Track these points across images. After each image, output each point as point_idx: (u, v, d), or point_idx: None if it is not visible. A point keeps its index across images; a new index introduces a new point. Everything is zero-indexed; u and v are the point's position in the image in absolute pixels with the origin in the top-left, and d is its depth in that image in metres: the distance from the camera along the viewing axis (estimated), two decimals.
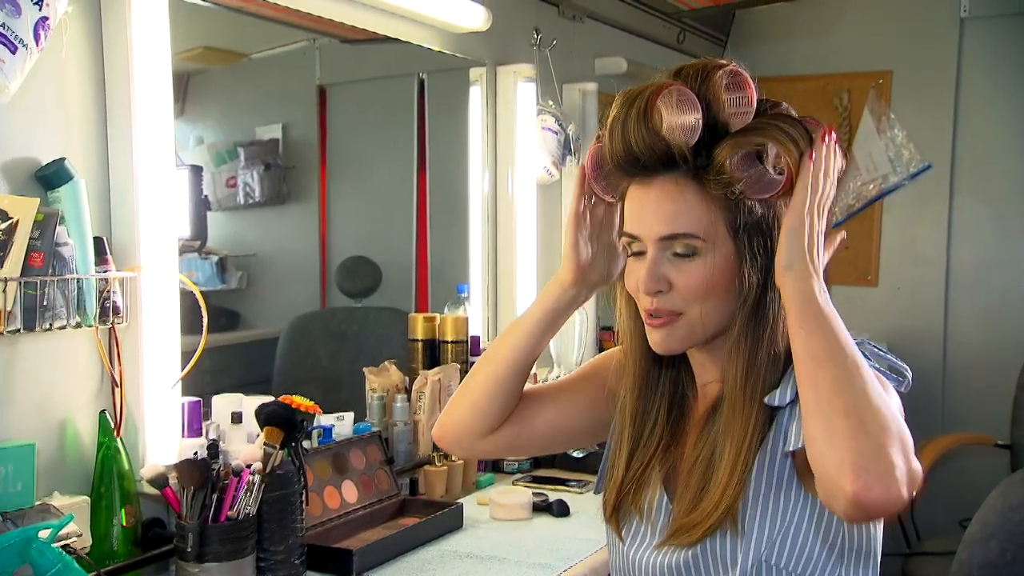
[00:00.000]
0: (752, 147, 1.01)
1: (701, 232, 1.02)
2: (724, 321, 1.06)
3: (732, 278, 1.04)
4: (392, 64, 2.63)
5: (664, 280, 1.04)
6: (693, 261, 1.03)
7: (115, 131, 1.58)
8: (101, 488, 1.53)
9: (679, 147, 1.02)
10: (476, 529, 1.93)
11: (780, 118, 1.04)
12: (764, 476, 1.03)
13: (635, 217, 1.06)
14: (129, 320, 1.56)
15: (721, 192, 1.02)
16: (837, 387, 0.93)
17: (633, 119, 1.03)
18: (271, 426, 1.53)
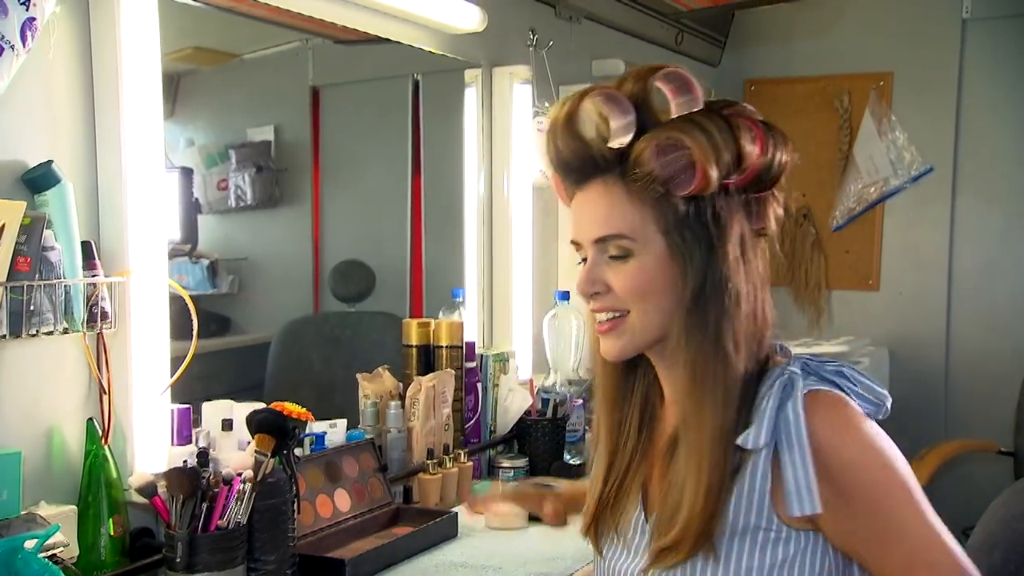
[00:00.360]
0: (664, 140, 1.01)
1: (630, 232, 1.04)
2: (666, 321, 1.06)
3: (669, 277, 1.04)
4: (386, 65, 2.63)
5: (601, 282, 1.07)
6: (627, 262, 1.05)
7: (103, 133, 1.58)
8: (88, 497, 1.53)
9: (598, 149, 1.04)
10: (471, 538, 1.92)
11: (702, 113, 1.04)
12: (742, 512, 1.03)
13: (575, 222, 1.10)
14: (117, 325, 1.56)
15: (646, 190, 1.03)
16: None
17: (560, 125, 1.06)
18: (262, 433, 1.53)
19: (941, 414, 3.66)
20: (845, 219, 3.77)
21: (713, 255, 1.03)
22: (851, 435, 1.00)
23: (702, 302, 1.03)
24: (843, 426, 1.00)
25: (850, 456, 0.99)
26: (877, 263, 3.76)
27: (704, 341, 1.03)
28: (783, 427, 1.00)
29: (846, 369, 1.05)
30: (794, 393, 1.00)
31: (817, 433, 0.99)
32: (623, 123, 1.03)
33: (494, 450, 2.41)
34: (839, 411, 1.01)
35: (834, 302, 3.85)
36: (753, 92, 3.91)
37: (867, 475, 0.99)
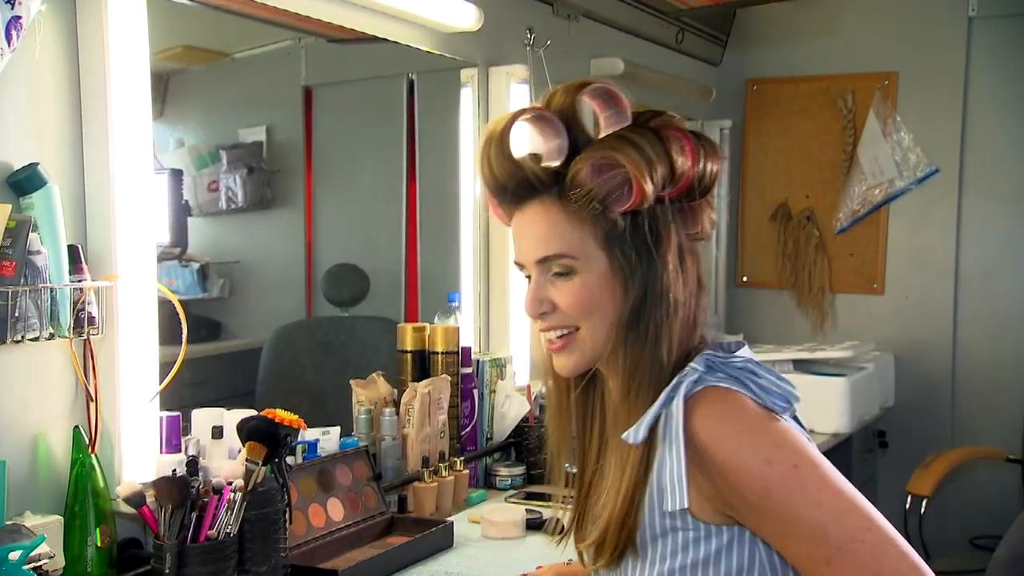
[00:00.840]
0: (598, 159, 1.05)
1: (571, 251, 1.08)
2: (613, 334, 1.09)
3: (612, 291, 1.08)
4: (380, 65, 2.63)
5: (547, 301, 1.11)
6: (571, 279, 1.09)
7: (91, 134, 1.57)
8: (75, 507, 1.52)
9: (532, 171, 1.08)
10: (467, 548, 1.92)
11: (635, 130, 1.07)
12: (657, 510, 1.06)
13: (516, 244, 1.13)
14: (105, 331, 1.56)
15: (584, 208, 1.06)
16: None
17: (493, 148, 1.09)
18: (253, 441, 1.53)
19: (948, 420, 3.66)
20: (849, 221, 3.78)
21: (652, 266, 1.07)
22: (730, 429, 1.01)
23: (642, 313, 1.07)
24: (721, 420, 1.01)
25: (728, 451, 1.00)
26: (882, 266, 3.76)
27: (642, 351, 1.07)
28: (665, 423, 1.03)
29: (753, 365, 1.07)
30: (678, 391, 1.03)
31: (695, 429, 1.02)
32: (556, 143, 1.08)
33: (491, 458, 2.40)
34: (720, 405, 1.02)
35: (838, 306, 3.86)
36: (755, 92, 3.91)
37: (748, 471, 0.99)
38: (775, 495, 0.98)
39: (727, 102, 3.87)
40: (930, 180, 3.66)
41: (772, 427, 1.02)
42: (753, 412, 1.02)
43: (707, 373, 1.05)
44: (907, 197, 3.70)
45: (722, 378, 1.04)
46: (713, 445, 1.00)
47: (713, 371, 1.05)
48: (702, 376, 1.04)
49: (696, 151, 1.07)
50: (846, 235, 3.80)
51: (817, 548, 0.97)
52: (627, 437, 1.04)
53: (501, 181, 1.09)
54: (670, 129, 1.07)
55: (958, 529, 3.41)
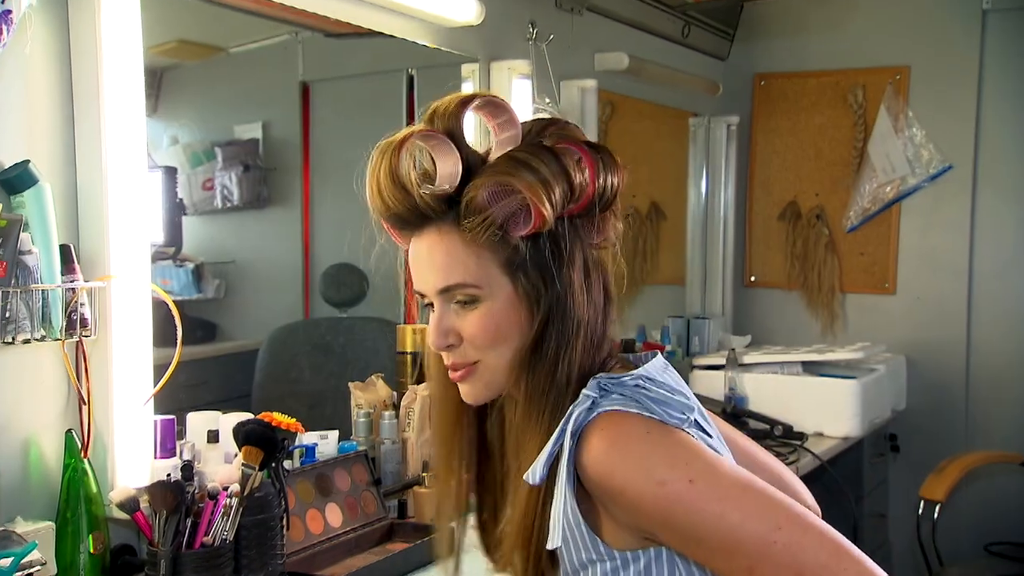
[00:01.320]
0: (493, 186, 1.02)
1: (473, 279, 1.05)
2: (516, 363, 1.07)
3: (519, 318, 1.06)
4: (379, 59, 2.63)
5: (453, 333, 1.07)
6: (476, 309, 1.06)
7: (83, 131, 1.58)
8: (67, 513, 1.52)
9: (425, 200, 1.04)
10: (468, 554, 1.91)
11: (528, 149, 1.05)
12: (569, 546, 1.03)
13: (415, 272, 1.10)
14: (98, 333, 1.56)
15: (482, 235, 1.03)
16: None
17: (383, 176, 1.06)
18: (250, 445, 1.52)
19: (961, 424, 3.66)
20: (860, 220, 3.77)
21: (557, 286, 1.05)
22: (619, 456, 0.98)
23: (546, 336, 1.05)
24: (610, 449, 0.99)
25: (622, 479, 0.98)
26: (893, 266, 3.76)
27: (540, 374, 1.05)
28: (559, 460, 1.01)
29: (644, 380, 1.04)
30: (567, 426, 1.01)
31: (586, 463, 0.99)
32: (448, 165, 1.04)
33: None
34: (609, 433, 0.99)
35: (848, 306, 3.85)
36: (763, 87, 3.91)
37: (644, 496, 0.97)
38: (677, 515, 0.96)
39: (734, 97, 3.86)
40: (943, 177, 3.65)
41: (664, 445, 0.99)
42: (643, 433, 0.99)
43: (601, 397, 1.02)
44: (919, 195, 3.70)
45: (616, 400, 1.01)
46: (607, 476, 0.98)
47: (608, 394, 1.02)
48: (596, 401, 1.02)
49: (595, 165, 1.05)
50: (856, 234, 3.80)
51: (734, 560, 0.96)
52: (527, 479, 1.02)
53: (393, 209, 1.06)
54: (566, 143, 1.05)
55: (973, 535, 3.41)
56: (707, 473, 0.97)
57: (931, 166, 3.65)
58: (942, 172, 3.65)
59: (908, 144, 3.67)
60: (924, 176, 3.67)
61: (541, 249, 1.05)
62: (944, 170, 3.65)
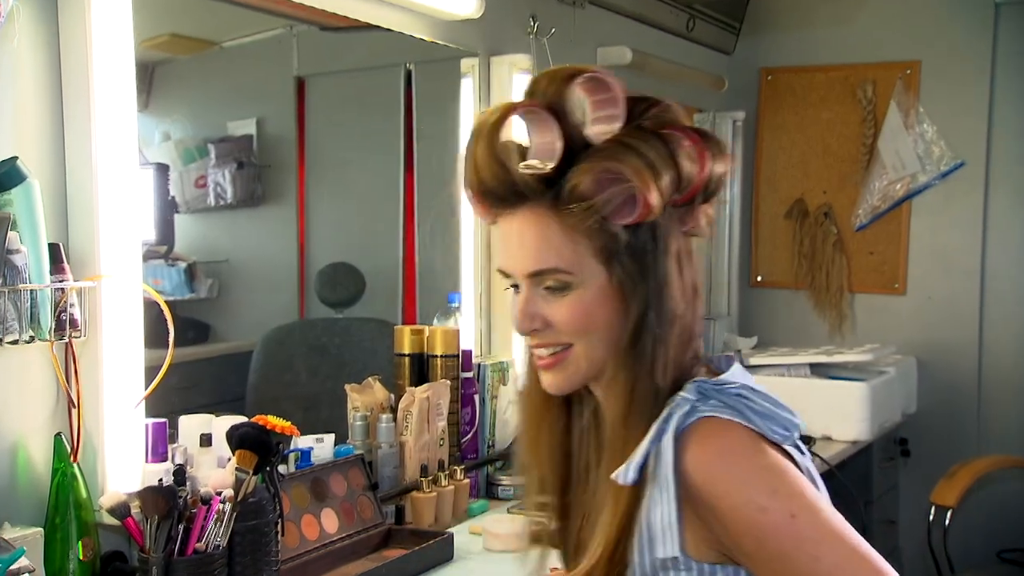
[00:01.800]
0: (601, 172, 1.01)
1: (567, 266, 1.04)
2: (611, 352, 1.06)
3: (612, 308, 1.05)
4: (376, 54, 2.63)
5: (539, 318, 1.06)
6: (566, 296, 1.05)
7: (72, 127, 1.58)
8: (56, 519, 1.52)
9: (524, 179, 1.03)
10: (468, 561, 1.92)
11: (637, 134, 1.03)
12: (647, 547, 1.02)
13: (503, 252, 1.09)
14: (88, 334, 1.56)
15: (582, 221, 1.02)
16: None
17: (482, 149, 1.04)
18: (244, 449, 1.53)
19: (974, 427, 3.66)
20: (869, 218, 3.77)
21: (654, 278, 1.04)
22: (723, 469, 0.98)
23: (643, 331, 1.04)
24: (714, 459, 0.99)
25: (722, 494, 0.97)
26: (904, 265, 3.76)
27: (640, 371, 1.04)
28: (656, 460, 1.00)
29: (747, 391, 1.03)
30: (669, 425, 1.00)
31: (687, 469, 0.99)
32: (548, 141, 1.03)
33: (492, 466, 2.40)
34: (713, 441, 0.99)
35: (857, 307, 3.85)
36: (770, 82, 3.91)
37: (742, 518, 0.97)
38: (770, 546, 0.96)
39: (740, 93, 3.86)
40: (955, 174, 3.65)
41: (769, 468, 0.98)
42: (748, 448, 0.99)
43: (699, 402, 1.01)
44: (930, 192, 3.69)
45: (716, 406, 1.01)
46: (706, 487, 0.98)
47: (706, 399, 1.02)
48: (694, 406, 1.01)
49: (704, 154, 1.04)
50: (866, 232, 3.80)
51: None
52: (616, 477, 1.01)
53: (489, 185, 1.05)
54: (674, 129, 1.04)
55: (985, 542, 3.41)
56: (808, 512, 0.97)
57: (942, 163, 3.65)
58: (954, 169, 3.65)
59: (919, 140, 3.67)
60: (935, 173, 3.67)
61: (640, 238, 1.03)
62: (956, 167, 3.64)
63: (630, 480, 1.00)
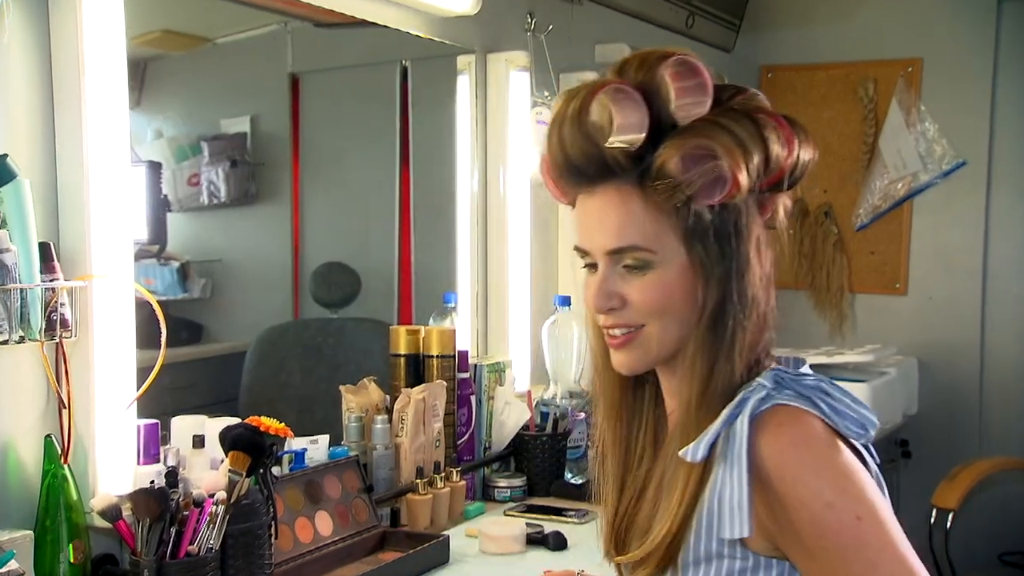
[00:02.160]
0: (692, 149, 1.01)
1: (649, 244, 1.04)
2: (685, 334, 1.07)
3: (690, 290, 1.05)
4: (372, 51, 2.63)
5: (616, 296, 1.07)
6: (645, 275, 1.05)
7: (63, 124, 1.57)
8: (46, 521, 1.52)
9: (613, 155, 1.03)
10: (464, 564, 1.92)
11: (728, 114, 1.04)
12: (703, 534, 1.03)
13: (583, 229, 1.09)
14: (79, 334, 1.56)
15: (668, 199, 1.03)
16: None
17: (569, 124, 1.04)
18: (237, 451, 1.53)
19: (975, 429, 3.66)
20: (870, 218, 3.78)
21: (734, 263, 1.04)
22: (795, 459, 0.99)
23: (723, 315, 1.05)
24: (789, 446, 0.99)
25: (791, 483, 0.98)
26: (905, 265, 3.76)
27: (719, 354, 1.05)
28: (728, 443, 1.01)
29: (826, 384, 1.04)
30: (744, 408, 1.01)
31: (761, 453, 0.99)
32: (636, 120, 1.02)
33: (489, 468, 2.40)
34: (789, 429, 1.00)
35: (858, 307, 3.86)
36: (770, 80, 3.91)
37: (807, 510, 0.97)
38: (829, 545, 0.96)
39: None
40: (956, 173, 3.66)
41: (841, 466, 0.99)
42: (823, 441, 0.99)
43: (775, 390, 1.02)
44: (932, 192, 3.70)
45: (792, 396, 1.01)
46: (777, 473, 0.98)
47: (781, 388, 1.02)
48: (770, 393, 1.02)
49: (792, 139, 1.04)
50: (866, 232, 3.80)
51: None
52: (684, 454, 1.02)
53: (575, 161, 1.05)
54: (764, 114, 1.04)
55: (986, 545, 3.41)
56: (874, 518, 0.97)
57: (944, 162, 3.66)
58: (956, 168, 3.65)
59: (920, 139, 3.67)
60: (937, 172, 3.67)
61: (724, 221, 1.04)
62: (958, 166, 3.65)
63: (699, 457, 1.01)
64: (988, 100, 3.60)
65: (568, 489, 2.35)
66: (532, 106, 2.60)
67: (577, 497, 2.30)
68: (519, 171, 2.60)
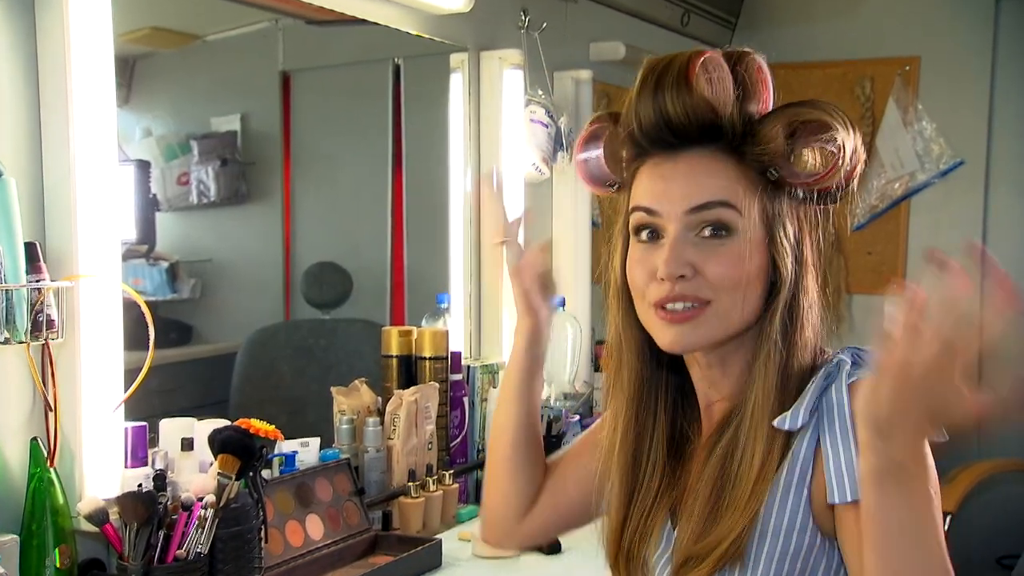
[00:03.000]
0: (804, 120, 1.02)
1: (737, 203, 1.02)
2: (752, 318, 1.05)
3: (763, 268, 1.04)
4: (364, 48, 2.63)
5: (688, 265, 1.02)
6: (724, 243, 1.02)
7: (50, 123, 1.57)
8: (32, 525, 1.51)
9: (731, 118, 1.03)
10: (456, 568, 1.92)
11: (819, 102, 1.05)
12: (775, 510, 1.02)
13: (653, 192, 1.05)
14: (65, 335, 1.55)
15: (760, 169, 1.03)
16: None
17: (671, 84, 1.02)
18: (226, 454, 1.52)
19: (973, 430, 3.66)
20: (867, 217, 3.78)
21: (810, 251, 1.06)
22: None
23: (796, 301, 1.05)
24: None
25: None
26: (902, 265, 3.77)
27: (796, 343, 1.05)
28: (826, 412, 1.00)
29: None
30: (839, 377, 1.01)
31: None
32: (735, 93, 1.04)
33: (482, 471, 2.40)
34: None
35: (855, 308, 3.85)
36: None
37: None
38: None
39: None
40: (954, 173, 3.66)
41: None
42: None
43: (854, 366, 1.02)
44: (929, 191, 3.70)
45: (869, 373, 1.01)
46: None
47: (857, 367, 1.03)
48: (856, 364, 1.02)
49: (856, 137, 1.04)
50: (864, 232, 3.80)
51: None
52: (780, 424, 1.00)
53: (672, 121, 1.02)
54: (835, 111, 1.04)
55: (984, 548, 3.41)
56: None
57: (942, 161, 3.66)
58: (953, 167, 3.66)
59: (918, 138, 3.68)
60: (934, 171, 3.68)
61: (807, 206, 1.05)
62: (955, 165, 3.65)
63: (799, 424, 1.00)
64: (986, 99, 3.60)
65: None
66: (526, 104, 2.60)
67: None
68: (513, 170, 2.60)
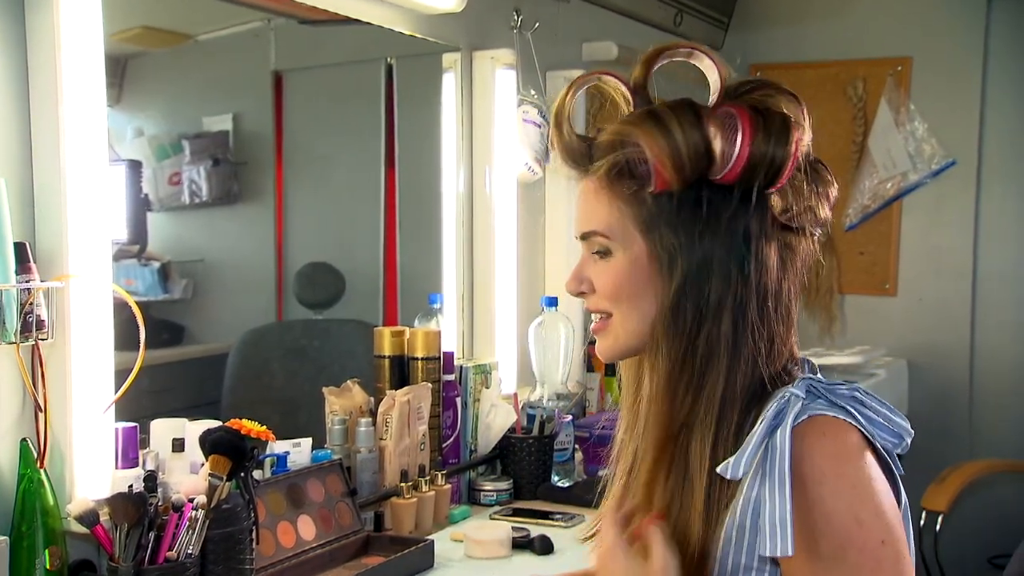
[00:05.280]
0: (614, 134, 1.07)
1: (606, 229, 1.09)
2: (646, 326, 1.09)
3: (646, 278, 1.08)
4: (356, 48, 2.63)
5: (586, 281, 1.13)
6: (607, 261, 1.11)
7: (40, 122, 1.56)
8: (22, 527, 1.51)
9: (577, 143, 1.12)
10: (449, 568, 1.92)
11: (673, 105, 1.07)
12: (732, 545, 1.03)
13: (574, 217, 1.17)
14: (55, 336, 1.55)
15: (622, 187, 1.08)
16: None
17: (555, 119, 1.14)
18: (217, 454, 1.52)
19: (965, 431, 3.68)
20: (859, 218, 3.79)
21: (696, 255, 1.05)
22: (836, 469, 0.99)
23: (680, 305, 1.06)
24: (831, 458, 0.99)
25: (828, 492, 0.98)
26: (894, 266, 3.77)
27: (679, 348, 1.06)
28: (768, 456, 1.00)
29: (861, 393, 1.04)
30: (785, 420, 1.00)
31: (802, 463, 0.99)
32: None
33: (475, 471, 2.40)
34: (830, 440, 1.00)
35: (848, 308, 3.87)
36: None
37: (836, 519, 0.98)
38: (848, 559, 0.97)
39: None
40: (946, 173, 3.67)
41: (875, 483, 1.00)
42: (860, 455, 1.01)
43: (808, 400, 1.02)
44: (922, 191, 3.71)
45: (824, 406, 1.02)
46: (815, 482, 0.98)
47: (815, 398, 1.03)
48: (805, 404, 1.02)
49: (754, 134, 1.03)
50: (856, 232, 3.81)
51: None
52: (723, 471, 1.01)
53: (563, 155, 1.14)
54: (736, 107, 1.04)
55: (976, 548, 3.42)
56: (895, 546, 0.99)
57: (934, 161, 3.67)
58: (945, 168, 3.67)
59: (910, 138, 3.69)
60: (926, 172, 3.69)
61: (682, 211, 1.06)
62: (947, 165, 3.66)
63: (739, 474, 1.00)
64: (978, 99, 3.62)
65: (555, 492, 2.34)
66: (518, 104, 2.59)
67: (564, 500, 2.30)
68: (505, 170, 2.60)
